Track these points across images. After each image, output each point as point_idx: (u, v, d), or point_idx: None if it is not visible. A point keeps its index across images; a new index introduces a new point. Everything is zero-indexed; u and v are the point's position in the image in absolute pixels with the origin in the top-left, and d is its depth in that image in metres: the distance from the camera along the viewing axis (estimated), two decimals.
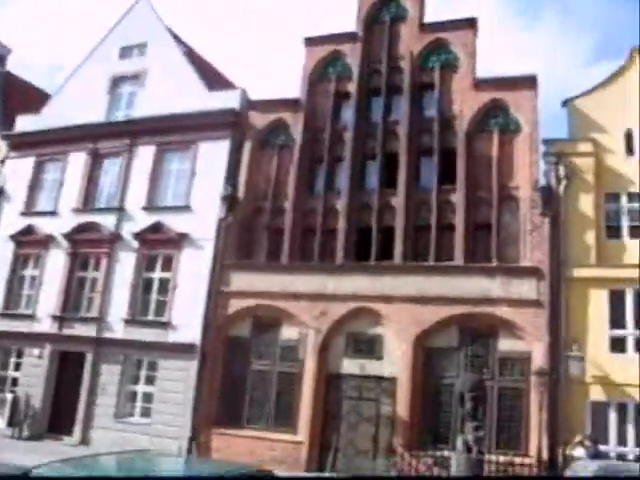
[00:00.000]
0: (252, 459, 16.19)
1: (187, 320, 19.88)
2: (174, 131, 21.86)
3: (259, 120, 21.50)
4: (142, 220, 21.56)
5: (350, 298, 18.52)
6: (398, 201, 19.25)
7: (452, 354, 17.71)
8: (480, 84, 19.57)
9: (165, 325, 20.30)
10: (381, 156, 19.93)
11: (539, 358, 16.68)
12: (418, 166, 19.78)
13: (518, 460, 15.70)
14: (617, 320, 16.94)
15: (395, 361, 17.94)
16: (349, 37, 21.47)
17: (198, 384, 19.30)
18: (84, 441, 20.19)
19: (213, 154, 21.28)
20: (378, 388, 18.10)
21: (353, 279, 18.70)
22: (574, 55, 56.39)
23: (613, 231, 18.00)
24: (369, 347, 18.40)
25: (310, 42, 21.93)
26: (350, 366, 18.46)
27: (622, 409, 16.33)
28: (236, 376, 19.41)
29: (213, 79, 24.11)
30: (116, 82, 24.18)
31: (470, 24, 20.23)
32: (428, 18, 21.05)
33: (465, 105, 19.55)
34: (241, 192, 20.69)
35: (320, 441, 18.14)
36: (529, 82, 19.13)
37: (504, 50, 51.72)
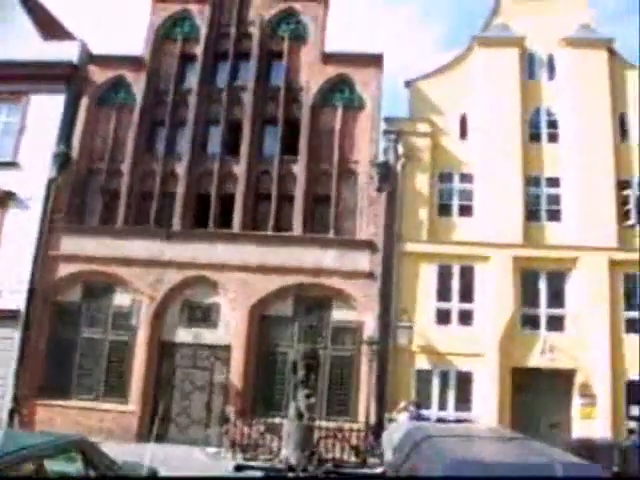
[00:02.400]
0: (78, 430, 15.48)
1: (11, 285, 18.41)
2: (2, 80, 19.95)
3: (98, 76, 20.26)
4: None
5: (186, 265, 18.18)
6: (240, 169, 19.10)
7: (287, 323, 18.00)
8: (328, 58, 19.80)
9: None
10: (225, 122, 19.64)
11: (370, 328, 17.36)
12: (262, 135, 19.70)
13: (347, 426, 16.21)
14: (444, 293, 17.96)
15: (230, 330, 17.91)
16: None
17: (21, 353, 18.06)
18: None
19: (46, 108, 19.73)
20: (212, 356, 17.98)
21: (190, 246, 18.34)
22: (427, 40, 58.82)
23: (444, 209, 18.95)
24: (204, 315, 18.22)
25: None
26: (185, 334, 18.19)
27: (444, 376, 17.41)
28: (64, 344, 18.39)
29: (50, 27, 22.32)
30: None
31: None
32: None
33: (312, 77, 19.69)
34: (75, 151, 19.45)
35: (152, 411, 17.65)
36: (375, 60, 19.63)
37: (360, 28, 52.61)
